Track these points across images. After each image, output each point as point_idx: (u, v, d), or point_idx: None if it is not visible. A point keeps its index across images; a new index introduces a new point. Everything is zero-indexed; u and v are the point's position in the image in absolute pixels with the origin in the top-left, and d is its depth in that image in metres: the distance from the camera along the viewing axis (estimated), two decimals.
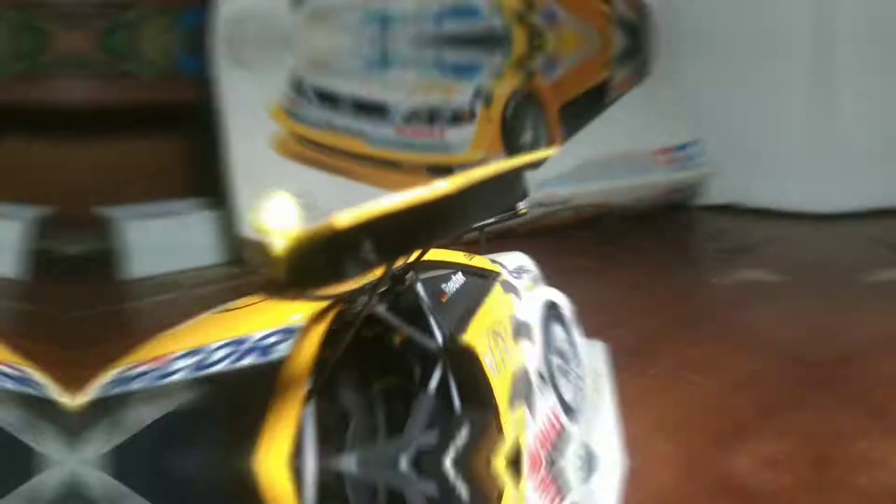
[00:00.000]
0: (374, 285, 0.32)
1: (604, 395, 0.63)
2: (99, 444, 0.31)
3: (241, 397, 0.31)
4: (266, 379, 0.30)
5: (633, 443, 0.56)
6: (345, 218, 0.20)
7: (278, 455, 0.26)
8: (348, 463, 0.32)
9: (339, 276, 0.22)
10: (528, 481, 0.40)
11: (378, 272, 0.33)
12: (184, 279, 1.24)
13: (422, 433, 0.37)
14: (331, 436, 0.40)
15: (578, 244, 1.40)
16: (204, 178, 1.55)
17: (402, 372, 0.45)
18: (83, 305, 1.04)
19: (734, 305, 0.95)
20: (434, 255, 0.45)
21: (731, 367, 0.73)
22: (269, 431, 0.27)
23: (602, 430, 0.56)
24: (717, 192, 1.71)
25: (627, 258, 1.28)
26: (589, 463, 0.52)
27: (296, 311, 0.34)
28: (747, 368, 0.73)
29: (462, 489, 0.35)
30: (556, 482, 0.44)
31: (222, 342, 0.34)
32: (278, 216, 0.24)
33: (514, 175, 0.34)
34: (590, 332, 0.66)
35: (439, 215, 0.22)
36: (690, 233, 1.57)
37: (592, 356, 0.68)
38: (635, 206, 1.58)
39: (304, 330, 0.32)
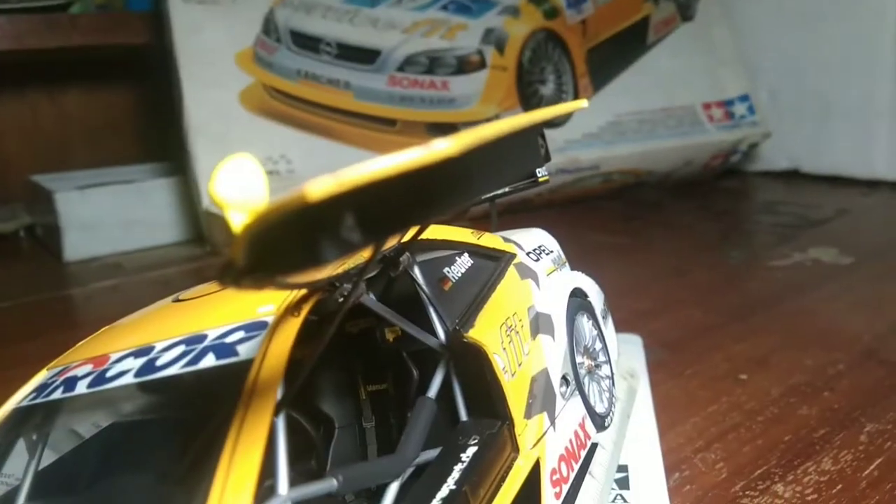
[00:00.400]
0: (360, 270, 0.31)
1: (639, 400, 0.62)
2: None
3: (194, 410, 0.29)
4: (226, 386, 0.28)
5: (672, 455, 0.56)
6: (319, 186, 0.18)
7: (239, 490, 0.24)
8: (330, 487, 0.31)
9: (313, 260, 0.21)
10: (549, 500, 0.39)
11: (365, 254, 0.32)
12: (133, 261, 1.22)
13: (420, 449, 0.36)
14: (308, 457, 0.39)
15: (607, 218, 1.38)
16: (158, 140, 1.54)
17: (397, 375, 0.44)
18: (10, 294, 1.03)
19: (792, 292, 0.94)
20: (435, 232, 0.44)
21: (788, 366, 0.72)
22: (229, 456, 0.25)
23: (637, 441, 0.56)
24: (774, 156, 1.69)
25: (665, 235, 1.26)
26: (622, 481, 0.51)
27: (264, 302, 0.33)
28: (809, 367, 0.71)
29: None
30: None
31: (174, 340, 0.33)
32: (237, 184, 0.23)
33: (534, 133, 0.32)
34: (620, 324, 0.65)
35: (440, 183, 0.21)
36: (741, 204, 1.55)
37: (626, 353, 0.67)
38: (675, 172, 1.55)
39: (275, 325, 0.31)
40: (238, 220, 0.21)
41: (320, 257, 0.21)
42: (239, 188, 0.22)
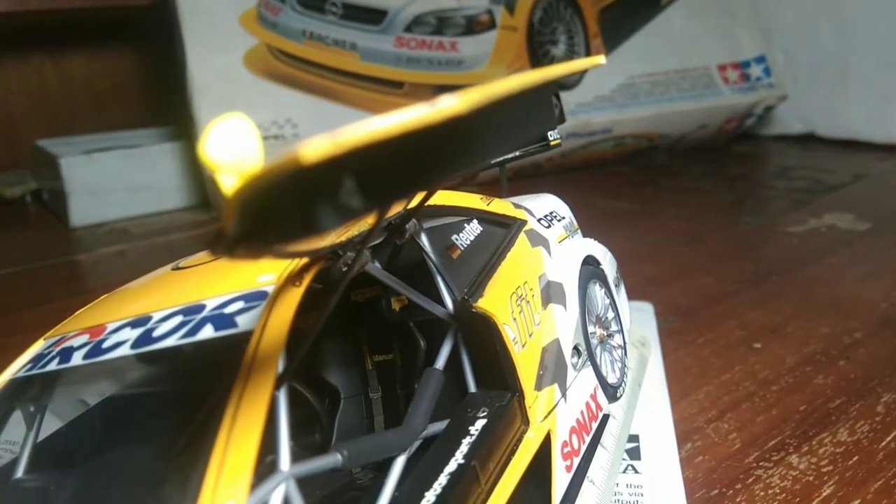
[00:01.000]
0: (363, 238, 0.29)
1: (650, 369, 0.61)
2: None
3: (191, 383, 0.28)
4: (225, 359, 0.27)
5: (684, 425, 0.55)
6: (314, 148, 0.17)
7: (237, 467, 0.23)
8: (335, 462, 0.29)
9: (311, 228, 0.19)
10: (560, 476, 0.38)
11: (368, 222, 0.31)
12: (140, 226, 1.21)
13: (427, 421, 0.35)
14: (312, 430, 0.38)
15: (619, 183, 1.36)
16: (164, 103, 1.52)
17: (403, 346, 0.42)
18: (16, 259, 1.03)
19: (808, 258, 0.92)
20: (442, 198, 0.42)
21: (803, 334, 0.70)
22: (227, 432, 0.24)
23: (648, 411, 0.55)
24: (790, 120, 1.65)
25: (678, 200, 1.24)
26: (633, 451, 0.50)
27: (264, 272, 0.31)
28: (824, 335, 0.70)
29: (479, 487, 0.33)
30: (592, 475, 0.42)
31: (172, 310, 0.31)
32: (229, 145, 0.21)
33: (548, 91, 0.30)
34: (631, 291, 0.63)
35: (447, 144, 0.19)
36: (755, 169, 1.52)
37: (637, 321, 0.65)
38: (689, 136, 1.52)
39: (275, 295, 0.29)
40: (230, 185, 0.19)
41: (318, 225, 0.20)
42: (231, 149, 0.20)
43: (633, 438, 0.52)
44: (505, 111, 0.21)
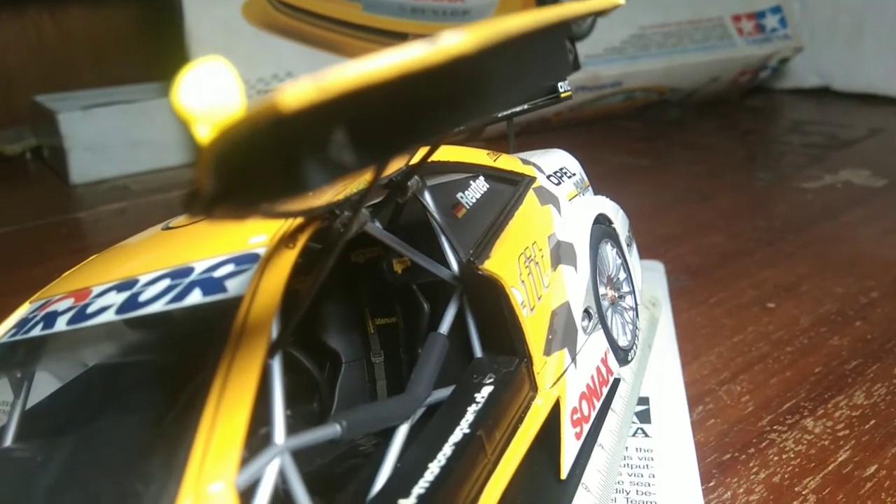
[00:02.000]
0: (360, 196, 0.27)
1: (661, 329, 0.60)
2: None
3: (179, 352, 0.27)
4: (214, 326, 0.25)
5: (695, 387, 0.53)
6: (295, 94, 0.14)
7: (226, 442, 0.21)
8: (333, 433, 0.28)
9: (297, 186, 0.17)
10: (569, 444, 0.36)
11: (366, 178, 0.28)
12: (141, 183, 1.19)
13: (431, 388, 0.33)
14: (310, 398, 0.37)
15: (629, 138, 1.33)
16: (164, 57, 1.47)
17: (406, 308, 0.40)
18: (16, 217, 1.01)
19: (823, 215, 0.89)
20: (447, 154, 0.39)
21: (818, 294, 0.68)
22: (215, 404, 0.22)
23: (658, 373, 0.53)
24: (804, 73, 1.60)
25: (689, 156, 1.21)
26: (643, 414, 0.49)
27: (256, 232, 0.29)
28: (840, 295, 0.68)
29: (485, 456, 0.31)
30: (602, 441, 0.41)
31: (159, 273, 0.29)
32: (205, 92, 0.18)
33: (561, 33, 0.27)
34: (642, 250, 0.61)
35: (450, 89, 0.17)
36: (769, 124, 1.48)
37: (648, 281, 0.63)
38: (701, 89, 1.48)
39: (267, 258, 0.27)
40: (204, 137, 0.17)
41: (306, 182, 0.17)
42: (208, 97, 0.18)
43: (643, 401, 0.51)
44: (516, 52, 0.19)
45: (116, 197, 1.12)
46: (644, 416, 0.49)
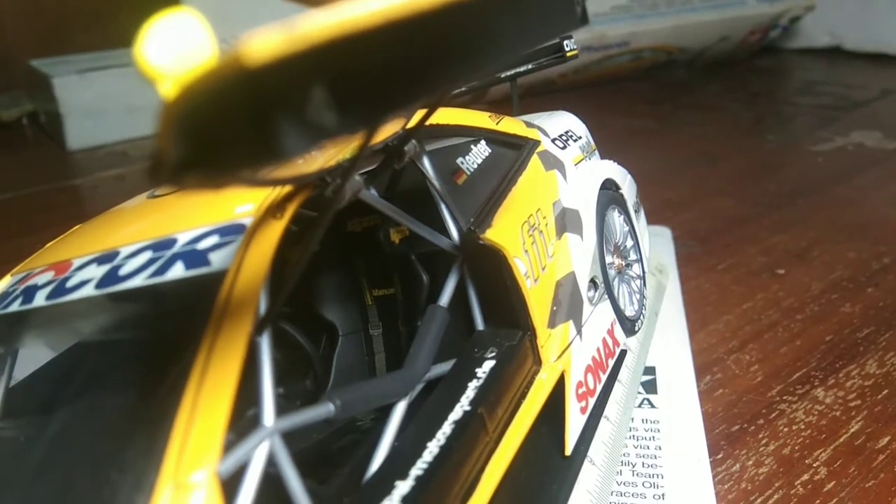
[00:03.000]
0: (351, 161, 0.25)
1: (668, 297, 0.58)
2: None
3: (161, 329, 0.25)
4: (196, 302, 0.24)
5: (703, 357, 0.52)
6: (263, 44, 0.12)
7: (208, 425, 0.20)
8: (326, 412, 0.26)
9: (272, 151, 0.15)
10: (574, 419, 0.35)
11: (356, 142, 0.26)
12: (139, 148, 1.17)
13: (430, 363, 0.31)
14: (304, 375, 0.35)
15: (635, 101, 1.29)
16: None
17: (405, 279, 0.39)
18: (13, 184, 0.99)
19: (834, 179, 0.87)
20: (446, 116, 0.37)
21: (829, 260, 0.66)
22: (196, 385, 0.21)
23: (665, 342, 0.52)
24: (815, 32, 1.55)
25: (697, 118, 1.18)
26: (649, 384, 0.48)
27: (243, 201, 0.27)
28: (851, 261, 0.66)
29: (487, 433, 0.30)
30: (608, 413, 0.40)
31: (140, 244, 0.28)
32: (172, 46, 0.16)
33: None
34: (649, 215, 0.59)
35: (446, 39, 0.15)
36: (778, 85, 1.44)
37: (654, 247, 0.62)
38: (709, 49, 1.43)
39: (253, 229, 0.25)
40: (166, 96, 0.15)
41: (284, 147, 0.15)
42: (174, 53, 0.16)
43: (650, 371, 0.49)
44: (517, 2, 0.17)
45: (114, 163, 1.10)
46: (650, 387, 0.48)
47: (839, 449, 0.42)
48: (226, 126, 0.15)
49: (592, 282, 0.40)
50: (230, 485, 0.21)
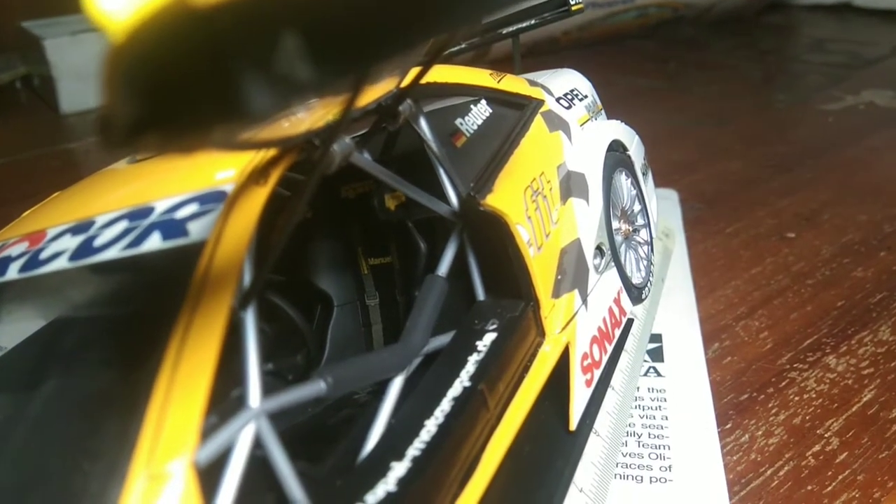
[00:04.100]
0: (338, 120, 0.23)
1: (674, 262, 0.56)
2: None
3: (138, 305, 0.23)
4: (174, 276, 0.22)
5: (711, 323, 0.50)
6: None
7: (184, 408, 0.18)
8: (317, 390, 0.25)
9: (239, 109, 0.13)
10: (579, 393, 0.33)
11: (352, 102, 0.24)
12: None
13: (429, 336, 0.30)
14: (294, 349, 0.34)
15: (641, 59, 1.26)
16: None
17: (402, 247, 0.37)
18: (5, 149, 0.96)
19: (844, 139, 0.84)
20: (443, 74, 0.35)
21: (840, 223, 0.64)
22: (172, 365, 0.19)
23: (672, 308, 0.50)
24: None
25: (704, 77, 1.14)
26: (655, 352, 0.46)
27: (224, 166, 0.25)
28: (863, 224, 0.64)
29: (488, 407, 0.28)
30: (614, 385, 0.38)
31: (117, 213, 0.26)
32: None
33: None
34: (655, 177, 0.57)
35: None
36: (788, 42, 1.40)
37: (660, 210, 0.60)
38: (717, 5, 1.39)
39: (234, 197, 0.23)
40: (109, 46, 0.13)
41: (252, 104, 0.13)
42: None
43: (656, 338, 0.48)
44: None
45: None
46: (656, 355, 0.46)
47: (851, 418, 0.41)
48: (181, 78, 0.12)
49: (599, 249, 0.38)
50: (213, 471, 0.20)
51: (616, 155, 0.44)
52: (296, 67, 0.13)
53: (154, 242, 0.23)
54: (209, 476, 0.19)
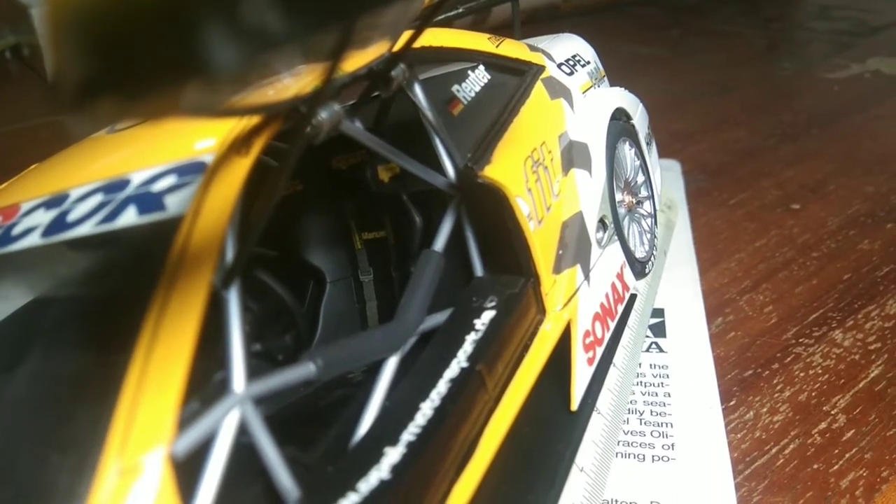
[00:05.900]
0: (323, 85, 0.21)
1: (677, 234, 0.55)
2: None
3: (114, 284, 0.22)
4: (150, 252, 0.20)
5: (714, 297, 0.49)
6: None
7: (159, 394, 0.17)
8: (306, 373, 0.23)
9: (203, 65, 0.11)
10: (581, 372, 0.32)
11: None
12: None
13: (424, 313, 0.28)
14: (284, 328, 0.32)
15: (643, 26, 1.23)
16: None
17: (397, 221, 0.35)
18: None
19: (850, 108, 0.82)
20: (440, 38, 0.33)
21: (846, 194, 0.63)
22: (146, 347, 0.18)
23: (674, 282, 0.49)
24: None
25: (708, 45, 1.12)
26: (657, 327, 0.45)
27: (204, 135, 0.24)
28: (870, 195, 0.62)
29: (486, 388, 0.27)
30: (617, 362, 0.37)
31: (92, 186, 0.24)
32: None
33: None
34: (657, 148, 0.55)
35: None
36: (792, 9, 1.37)
37: (662, 181, 0.58)
38: None
39: (214, 168, 0.22)
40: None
41: (215, 58, 0.12)
42: None
43: (658, 313, 0.47)
44: None
45: None
46: (659, 330, 0.45)
47: (858, 395, 0.40)
48: (133, 30, 0.11)
49: (601, 222, 0.36)
50: (193, 463, 0.19)
51: (619, 124, 0.42)
52: (265, 17, 0.11)
53: (129, 217, 0.22)
54: (188, 468, 0.18)
